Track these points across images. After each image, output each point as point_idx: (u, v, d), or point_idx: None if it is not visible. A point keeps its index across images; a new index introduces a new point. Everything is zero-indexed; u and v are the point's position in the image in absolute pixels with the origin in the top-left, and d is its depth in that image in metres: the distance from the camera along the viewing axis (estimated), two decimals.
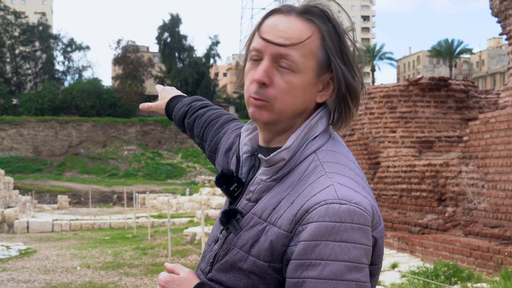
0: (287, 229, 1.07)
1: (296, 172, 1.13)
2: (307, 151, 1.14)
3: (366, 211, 1.05)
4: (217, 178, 1.26)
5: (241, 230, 1.14)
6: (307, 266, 1.02)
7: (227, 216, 1.18)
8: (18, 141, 53.19)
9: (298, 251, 1.04)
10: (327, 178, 1.08)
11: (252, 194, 1.18)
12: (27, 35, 66.11)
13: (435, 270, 6.49)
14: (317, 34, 1.14)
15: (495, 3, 8.88)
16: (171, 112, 1.78)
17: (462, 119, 10.98)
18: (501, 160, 7.67)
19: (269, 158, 1.14)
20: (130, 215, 22.41)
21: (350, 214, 1.02)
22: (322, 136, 1.17)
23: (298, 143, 1.14)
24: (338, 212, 1.02)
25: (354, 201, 1.04)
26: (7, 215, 19.21)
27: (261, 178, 1.17)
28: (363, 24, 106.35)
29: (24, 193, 35.54)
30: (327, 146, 1.16)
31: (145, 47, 77.66)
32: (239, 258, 1.13)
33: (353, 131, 11.74)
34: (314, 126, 1.16)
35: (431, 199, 9.37)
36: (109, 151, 53.41)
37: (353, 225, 1.02)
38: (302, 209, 1.06)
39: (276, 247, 1.08)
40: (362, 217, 1.03)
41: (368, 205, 1.06)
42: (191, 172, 50.16)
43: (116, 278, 9.24)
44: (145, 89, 68.19)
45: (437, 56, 68.29)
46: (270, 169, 1.15)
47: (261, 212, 1.13)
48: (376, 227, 1.09)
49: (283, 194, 1.12)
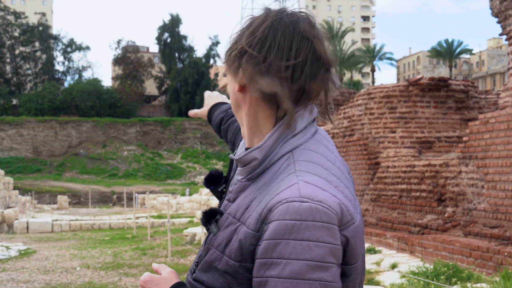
0: (254, 228, 1.07)
1: (271, 171, 1.13)
2: (283, 150, 1.13)
3: (330, 209, 1.02)
4: (206, 179, 1.28)
5: (219, 230, 1.15)
6: (269, 265, 1.01)
7: (207, 217, 1.18)
8: (18, 142, 53.19)
9: (260, 250, 1.03)
10: (294, 176, 1.07)
11: (230, 194, 1.19)
12: (27, 36, 66.12)
13: (435, 270, 6.49)
14: None
15: (495, 3, 8.88)
16: (211, 119, 1.81)
17: (462, 119, 10.98)
18: (501, 160, 7.67)
19: (239, 157, 1.15)
20: (130, 215, 22.41)
21: (311, 212, 1.00)
22: (302, 135, 1.15)
23: (273, 142, 1.13)
24: (299, 210, 1.01)
25: (317, 199, 1.02)
26: (7, 216, 19.21)
27: (237, 178, 1.18)
28: (363, 24, 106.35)
29: (23, 193, 35.54)
30: (306, 145, 1.14)
31: (145, 47, 77.67)
32: (215, 258, 1.13)
33: (352, 131, 11.74)
34: (291, 126, 1.15)
35: (431, 200, 9.36)
36: (109, 152, 53.41)
37: (315, 223, 1.00)
38: (266, 208, 1.05)
39: (245, 246, 1.07)
40: (325, 215, 1.01)
41: (335, 203, 1.03)
42: (190, 173, 50.16)
43: (115, 279, 9.24)
44: (145, 89, 68.20)
45: (437, 56, 68.32)
46: (244, 169, 1.16)
47: (235, 212, 1.13)
48: (348, 226, 1.06)
49: (255, 193, 1.12)
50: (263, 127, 1.16)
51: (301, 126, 1.16)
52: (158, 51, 70.70)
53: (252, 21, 1.16)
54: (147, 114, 65.51)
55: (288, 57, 1.10)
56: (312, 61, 1.12)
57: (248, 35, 1.13)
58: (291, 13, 1.16)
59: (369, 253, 9.06)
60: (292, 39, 1.11)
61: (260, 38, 1.12)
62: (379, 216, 10.46)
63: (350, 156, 11.68)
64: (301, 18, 1.15)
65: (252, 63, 1.11)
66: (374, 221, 10.53)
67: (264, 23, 1.13)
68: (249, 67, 1.12)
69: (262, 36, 1.12)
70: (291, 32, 1.12)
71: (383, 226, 10.21)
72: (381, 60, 68.01)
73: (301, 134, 1.15)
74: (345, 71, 60.23)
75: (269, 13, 1.16)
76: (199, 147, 56.07)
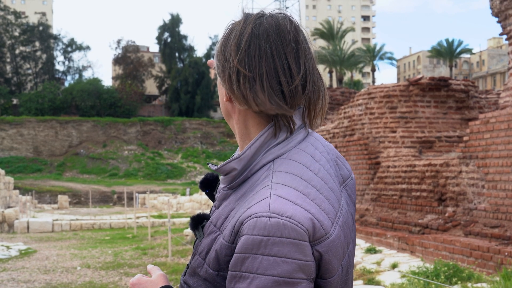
0: (229, 240, 1.06)
1: (251, 181, 1.12)
2: (264, 160, 1.12)
3: (299, 225, 1.00)
4: (201, 182, 1.28)
5: (203, 237, 1.15)
6: (238, 278, 1.01)
7: (194, 222, 1.19)
8: (18, 141, 53.20)
9: (231, 263, 1.03)
10: (268, 190, 1.05)
11: (217, 201, 1.19)
12: (27, 35, 66.13)
13: (435, 270, 6.49)
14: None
15: (495, 3, 8.88)
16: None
17: (462, 119, 10.98)
18: (501, 160, 7.67)
19: (218, 168, 1.15)
20: (130, 215, 22.41)
21: (279, 228, 0.99)
22: (286, 143, 1.13)
23: (253, 152, 1.12)
24: (266, 226, 0.99)
25: (286, 214, 1.00)
26: (7, 215, 19.22)
27: (221, 186, 1.18)
28: (363, 24, 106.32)
29: (24, 193, 35.55)
30: (288, 155, 1.12)
31: (145, 47, 77.67)
32: (197, 264, 1.14)
33: (353, 131, 11.74)
34: (274, 134, 1.13)
35: (431, 199, 9.36)
36: (109, 151, 53.42)
37: (283, 239, 0.99)
38: (238, 221, 1.04)
39: (221, 257, 1.07)
40: (293, 231, 0.99)
41: (305, 219, 1.01)
42: (191, 172, 50.16)
43: (116, 278, 9.25)
44: (145, 89, 68.21)
45: (437, 56, 68.28)
46: (226, 178, 1.15)
47: (216, 220, 1.13)
48: (321, 241, 1.03)
49: (234, 203, 1.12)
50: (254, 134, 1.15)
51: (284, 135, 1.13)
52: (158, 51, 70.71)
53: (233, 30, 1.13)
54: (147, 114, 65.52)
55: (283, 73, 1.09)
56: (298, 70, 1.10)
57: (234, 48, 1.10)
58: (270, 16, 1.13)
59: (369, 252, 9.06)
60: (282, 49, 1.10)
61: (247, 53, 1.09)
62: (379, 216, 10.46)
63: (351, 156, 11.68)
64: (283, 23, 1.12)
65: (243, 82, 1.09)
66: (375, 220, 10.53)
67: (245, 32, 1.11)
68: (241, 86, 1.09)
69: (249, 51, 1.09)
70: (278, 42, 1.10)
71: (384, 226, 10.21)
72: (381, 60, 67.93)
73: (285, 142, 1.13)
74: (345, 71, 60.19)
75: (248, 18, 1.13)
76: (199, 146, 56.07)
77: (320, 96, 1.15)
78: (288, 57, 1.09)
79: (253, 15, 1.14)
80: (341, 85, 56.37)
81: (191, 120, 58.60)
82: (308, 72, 1.12)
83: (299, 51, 1.11)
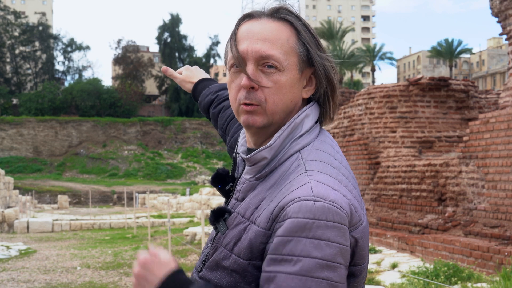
0: (265, 226, 1.07)
1: (279, 171, 1.13)
2: (291, 150, 1.14)
3: (342, 210, 1.03)
4: (213, 178, 1.28)
5: (227, 229, 1.15)
6: (279, 262, 1.01)
7: (215, 215, 1.19)
8: (18, 141, 53.19)
9: (272, 246, 1.03)
10: (306, 176, 1.07)
11: (239, 193, 1.19)
12: (27, 35, 66.12)
13: (435, 270, 6.49)
14: (292, 30, 1.17)
15: (495, 3, 8.88)
16: (197, 97, 1.78)
17: (462, 119, 10.98)
18: (501, 160, 7.67)
19: (249, 156, 1.16)
20: (130, 215, 22.41)
21: (324, 211, 1.01)
22: (309, 135, 1.16)
23: (281, 142, 1.14)
24: (312, 209, 1.01)
25: (330, 198, 1.02)
26: (7, 215, 19.21)
27: (245, 177, 1.19)
28: (363, 24, 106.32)
29: (24, 193, 35.54)
30: (313, 145, 1.15)
31: (145, 47, 77.67)
32: (223, 257, 1.13)
33: (353, 131, 11.74)
34: (299, 125, 1.16)
35: (431, 199, 9.36)
36: (109, 151, 53.41)
37: (327, 222, 1.00)
38: (278, 206, 1.06)
39: (255, 245, 1.08)
40: (337, 215, 1.02)
41: (346, 204, 1.04)
42: (191, 172, 50.15)
43: (116, 278, 9.24)
44: (145, 89, 68.20)
45: (437, 56, 68.27)
46: (253, 168, 1.16)
47: (244, 211, 1.14)
48: (356, 227, 1.06)
49: (265, 193, 1.13)
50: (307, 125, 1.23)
51: (308, 126, 1.17)
52: (158, 51, 70.72)
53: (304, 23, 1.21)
54: (147, 114, 65.51)
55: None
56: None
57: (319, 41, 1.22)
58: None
59: (369, 252, 9.05)
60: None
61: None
62: (379, 216, 10.46)
63: (351, 156, 11.68)
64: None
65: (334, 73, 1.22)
66: (375, 220, 10.53)
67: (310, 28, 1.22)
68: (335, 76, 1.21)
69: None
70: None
71: (384, 226, 10.21)
72: (381, 59, 67.95)
73: (308, 134, 1.17)
74: (345, 71, 60.22)
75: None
76: (199, 146, 56.06)
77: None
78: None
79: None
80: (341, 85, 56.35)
81: (191, 120, 58.58)
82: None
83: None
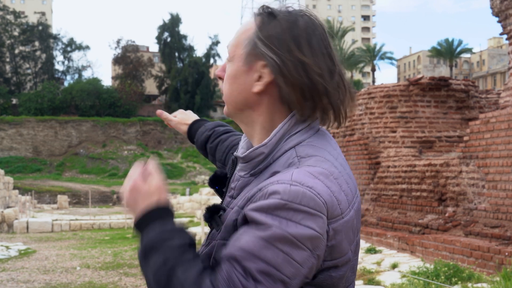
0: (241, 205, 1.10)
1: (273, 167, 1.14)
2: (285, 146, 1.14)
3: (319, 197, 1.02)
4: (211, 179, 1.30)
5: (222, 225, 1.15)
6: (250, 224, 1.03)
7: (210, 213, 1.19)
8: (18, 141, 53.18)
9: (241, 216, 1.06)
10: (293, 167, 1.09)
11: (233, 190, 1.20)
12: (26, 35, 66.09)
13: (436, 270, 6.48)
14: (253, 25, 1.18)
15: (495, 2, 8.87)
16: (193, 136, 1.82)
17: (463, 119, 10.97)
18: (501, 160, 7.66)
19: (245, 155, 1.17)
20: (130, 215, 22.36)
21: (298, 195, 1.01)
22: (305, 132, 1.16)
23: (278, 139, 1.15)
24: (286, 190, 1.01)
25: (307, 184, 1.02)
26: (7, 215, 19.20)
27: (240, 175, 1.19)
28: (363, 24, 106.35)
29: (23, 193, 35.53)
30: (309, 141, 1.15)
31: (145, 46, 77.64)
32: (215, 250, 1.15)
33: (353, 131, 11.73)
34: (297, 122, 1.16)
35: (432, 199, 9.35)
36: (109, 151, 53.42)
37: (301, 206, 1.00)
38: (257, 188, 1.07)
39: (228, 222, 1.11)
40: (312, 201, 1.01)
41: (325, 193, 1.03)
42: (191, 172, 50.18)
43: (116, 278, 9.23)
44: (145, 89, 68.19)
45: (438, 56, 68.31)
46: (247, 165, 1.17)
47: (238, 202, 1.15)
48: (337, 220, 1.05)
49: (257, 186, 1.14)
50: (278, 124, 1.19)
51: (306, 123, 1.17)
52: (158, 51, 70.67)
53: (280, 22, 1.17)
54: (147, 114, 65.50)
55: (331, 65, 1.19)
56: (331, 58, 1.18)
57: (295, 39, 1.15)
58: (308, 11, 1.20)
59: (369, 253, 9.05)
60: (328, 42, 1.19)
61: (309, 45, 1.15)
62: (379, 216, 10.45)
63: (351, 156, 11.67)
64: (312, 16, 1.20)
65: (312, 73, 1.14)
66: (375, 221, 10.52)
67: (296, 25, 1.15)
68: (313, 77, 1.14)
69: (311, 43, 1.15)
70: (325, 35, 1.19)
71: (384, 226, 10.20)
72: (381, 59, 68.02)
73: (304, 130, 1.17)
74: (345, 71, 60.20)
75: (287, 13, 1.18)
76: None
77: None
78: (332, 50, 1.19)
79: (283, 9, 1.18)
80: None
81: None
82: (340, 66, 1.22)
83: (333, 47, 1.21)
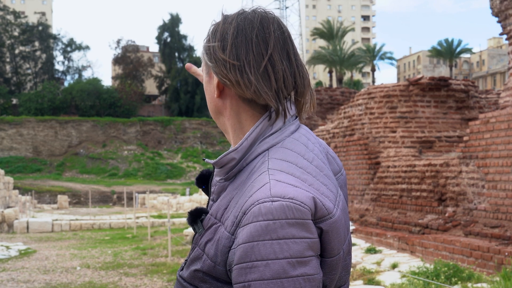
0: (230, 230, 1.07)
1: (247, 170, 1.14)
2: (259, 149, 1.14)
3: (303, 205, 1.02)
4: (197, 179, 1.30)
5: (204, 230, 1.15)
6: (249, 269, 1.00)
7: (192, 216, 1.19)
8: (18, 141, 53.17)
9: (238, 255, 1.03)
10: (266, 175, 1.07)
11: (213, 194, 1.21)
12: (26, 35, 66.08)
13: (435, 270, 6.48)
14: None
15: (495, 2, 8.87)
16: None
17: (462, 119, 10.97)
18: (501, 160, 7.66)
19: (216, 161, 1.17)
20: (130, 215, 22.40)
21: (283, 210, 1.00)
22: (280, 133, 1.15)
23: (250, 143, 1.14)
24: (270, 209, 1.00)
25: (288, 196, 1.02)
26: (7, 215, 19.20)
27: (216, 179, 1.20)
28: (363, 24, 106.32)
29: (23, 193, 35.53)
30: (283, 144, 1.14)
31: (145, 47, 77.64)
32: (197, 256, 1.15)
33: (353, 131, 11.73)
34: (270, 124, 1.15)
35: (431, 199, 9.36)
36: (109, 151, 53.39)
37: (289, 220, 1.00)
38: (241, 211, 1.05)
39: (220, 247, 1.08)
40: (297, 211, 1.01)
41: (307, 198, 1.03)
42: (191, 172, 50.16)
43: (116, 278, 9.23)
44: (145, 89, 68.19)
45: (437, 56, 68.26)
46: (222, 170, 1.17)
47: (216, 212, 1.15)
48: (324, 220, 1.05)
49: (232, 193, 1.13)
50: (248, 127, 1.18)
51: (279, 125, 1.16)
52: (158, 51, 70.68)
53: (218, 25, 1.18)
54: (147, 114, 65.50)
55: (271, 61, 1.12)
56: (287, 58, 1.14)
57: (222, 41, 1.15)
58: (253, 10, 1.17)
59: (369, 252, 9.05)
60: (268, 37, 1.13)
61: (235, 44, 1.13)
62: (379, 216, 10.45)
63: (351, 156, 11.67)
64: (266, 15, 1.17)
65: (235, 71, 1.12)
66: (375, 221, 10.52)
67: (230, 26, 1.15)
68: (234, 74, 1.13)
69: (236, 41, 1.13)
70: (263, 31, 1.14)
71: (384, 226, 10.21)
72: (381, 59, 67.94)
73: (279, 132, 1.16)
74: (345, 71, 60.19)
75: (229, 16, 1.18)
76: (199, 146, 56.06)
77: (307, 85, 1.19)
78: (276, 44, 1.13)
79: (235, 12, 1.19)
80: (341, 85, 56.36)
81: (191, 120, 58.57)
82: (296, 59, 1.16)
83: (286, 39, 1.16)
